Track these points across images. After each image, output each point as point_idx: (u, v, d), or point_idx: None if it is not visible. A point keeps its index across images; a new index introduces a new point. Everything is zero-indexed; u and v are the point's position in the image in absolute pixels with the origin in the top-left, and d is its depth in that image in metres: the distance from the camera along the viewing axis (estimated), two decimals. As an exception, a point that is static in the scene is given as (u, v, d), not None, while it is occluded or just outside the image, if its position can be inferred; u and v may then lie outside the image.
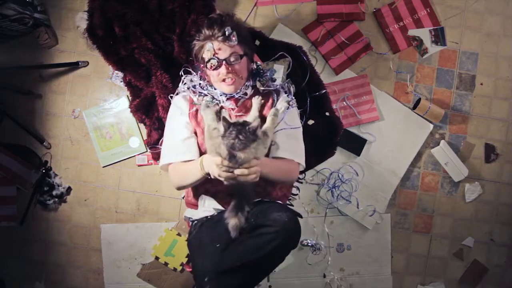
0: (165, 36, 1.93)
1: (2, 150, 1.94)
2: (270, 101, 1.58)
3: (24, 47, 2.06)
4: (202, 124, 1.52)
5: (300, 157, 1.55)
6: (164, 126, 1.91)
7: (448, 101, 2.15)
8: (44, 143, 2.07)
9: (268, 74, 1.68)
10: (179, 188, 1.55)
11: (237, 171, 1.27)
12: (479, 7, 2.14)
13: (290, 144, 1.53)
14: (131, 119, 2.04)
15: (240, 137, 1.25)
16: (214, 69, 1.49)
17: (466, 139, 2.16)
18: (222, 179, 1.31)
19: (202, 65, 1.57)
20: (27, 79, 2.07)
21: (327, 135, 1.93)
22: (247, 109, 1.55)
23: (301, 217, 1.42)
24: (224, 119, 1.30)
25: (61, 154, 2.10)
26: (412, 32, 2.12)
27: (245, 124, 1.29)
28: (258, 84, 1.60)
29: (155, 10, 1.92)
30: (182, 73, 1.70)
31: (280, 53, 1.86)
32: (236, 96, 1.56)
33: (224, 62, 1.47)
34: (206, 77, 1.60)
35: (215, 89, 1.58)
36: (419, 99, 2.08)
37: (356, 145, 2.10)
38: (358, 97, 2.10)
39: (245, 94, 1.57)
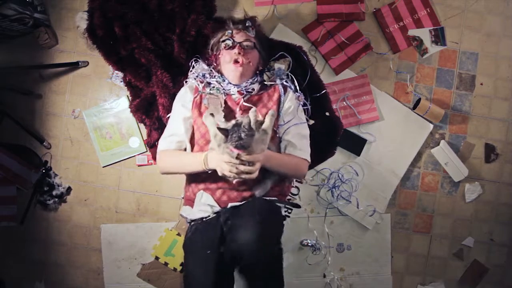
0: (165, 36, 1.93)
1: (2, 150, 1.94)
2: (277, 94, 1.62)
3: (24, 47, 2.06)
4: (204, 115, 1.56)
5: (309, 155, 1.64)
6: (164, 125, 1.92)
7: (448, 101, 2.15)
8: (44, 143, 2.07)
9: (276, 70, 1.75)
10: (166, 174, 1.66)
11: (244, 168, 1.35)
12: (479, 7, 2.14)
13: (304, 144, 1.62)
14: (131, 119, 2.04)
15: (242, 135, 1.31)
16: (227, 49, 1.60)
17: (466, 139, 2.16)
18: (230, 176, 1.38)
19: (216, 53, 1.66)
20: (27, 79, 2.07)
21: (327, 135, 1.93)
22: (253, 103, 1.58)
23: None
24: (219, 128, 1.35)
25: (61, 154, 2.10)
26: (412, 32, 2.12)
27: (238, 123, 1.35)
28: (265, 77, 1.68)
29: (155, 10, 1.92)
30: (193, 63, 1.78)
31: (280, 53, 1.86)
32: (243, 89, 1.60)
33: (238, 44, 1.59)
34: (217, 64, 1.68)
35: (224, 80, 1.63)
36: (419, 99, 2.08)
37: (356, 145, 2.10)
38: (358, 97, 2.10)
39: (252, 89, 1.61)
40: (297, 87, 1.74)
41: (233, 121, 1.38)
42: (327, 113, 1.94)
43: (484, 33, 2.15)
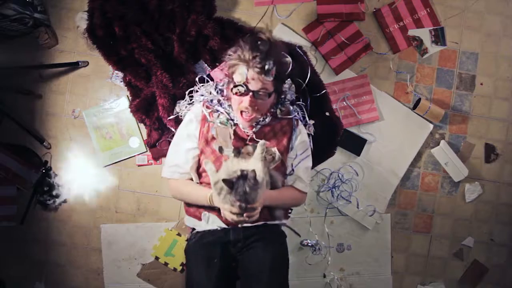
0: (165, 36, 1.93)
1: (2, 150, 1.94)
2: (290, 130, 1.59)
3: (24, 47, 2.06)
4: (212, 145, 1.53)
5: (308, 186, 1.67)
6: (164, 125, 1.93)
7: (448, 101, 2.15)
8: (44, 143, 2.07)
9: (289, 97, 1.68)
10: (177, 199, 1.64)
11: (246, 215, 1.35)
12: (479, 7, 2.14)
13: (309, 177, 1.65)
14: (131, 119, 2.04)
15: (247, 189, 1.29)
16: (238, 95, 1.44)
17: (466, 139, 2.16)
18: (233, 221, 1.39)
19: (228, 82, 1.52)
20: (27, 79, 2.07)
21: (327, 135, 1.93)
22: (264, 135, 1.54)
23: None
24: (224, 180, 1.30)
25: (61, 154, 2.10)
26: (412, 32, 2.12)
27: (244, 175, 1.31)
28: (278, 111, 1.60)
29: (155, 10, 1.92)
30: (198, 81, 1.72)
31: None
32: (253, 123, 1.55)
33: (251, 93, 1.42)
34: (227, 94, 1.57)
35: (233, 110, 1.55)
36: (419, 99, 2.08)
37: (356, 145, 2.10)
38: (358, 97, 2.10)
39: (264, 120, 1.56)
40: (307, 117, 1.75)
41: (239, 173, 1.31)
42: (327, 113, 1.94)
43: (484, 33, 2.15)
